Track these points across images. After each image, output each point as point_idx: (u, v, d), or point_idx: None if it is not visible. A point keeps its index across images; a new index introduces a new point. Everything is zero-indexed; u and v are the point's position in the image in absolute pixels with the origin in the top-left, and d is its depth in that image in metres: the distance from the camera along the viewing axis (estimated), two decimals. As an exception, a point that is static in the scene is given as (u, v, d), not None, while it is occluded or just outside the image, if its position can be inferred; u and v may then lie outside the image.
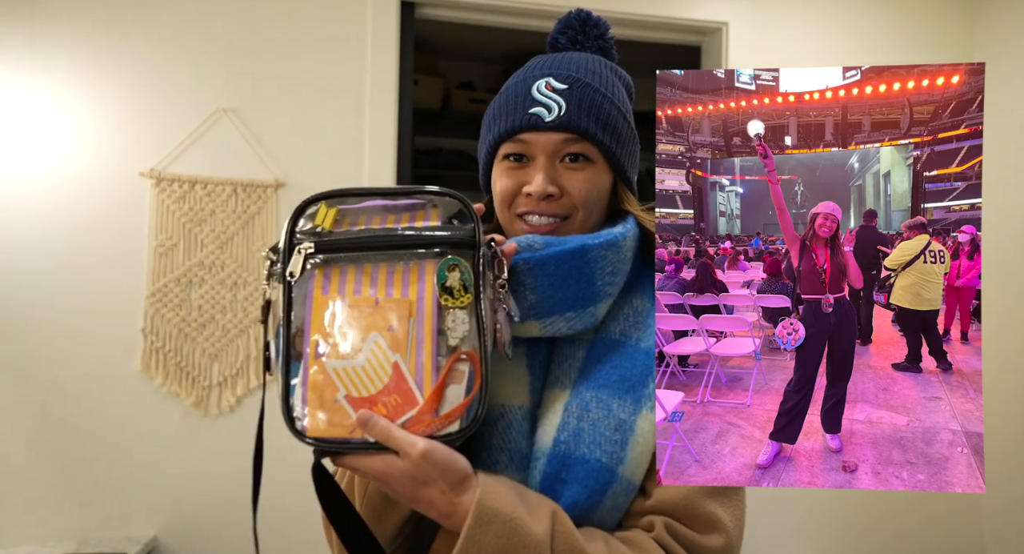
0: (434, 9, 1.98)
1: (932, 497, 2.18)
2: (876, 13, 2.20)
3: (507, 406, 0.71)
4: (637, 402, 0.69)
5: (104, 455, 1.70)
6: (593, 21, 0.84)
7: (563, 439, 0.67)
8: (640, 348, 0.72)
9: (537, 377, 0.73)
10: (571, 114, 0.72)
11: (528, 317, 0.70)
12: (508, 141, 0.74)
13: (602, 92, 0.75)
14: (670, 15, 2.06)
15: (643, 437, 0.67)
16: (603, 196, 0.76)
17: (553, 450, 0.67)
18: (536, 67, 0.77)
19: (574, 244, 0.70)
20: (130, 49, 1.75)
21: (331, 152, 1.85)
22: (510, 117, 0.74)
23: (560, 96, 0.73)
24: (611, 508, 0.67)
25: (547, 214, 0.73)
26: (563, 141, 0.73)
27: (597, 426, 0.67)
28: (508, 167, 0.75)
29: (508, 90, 0.77)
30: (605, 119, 0.74)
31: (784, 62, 2.13)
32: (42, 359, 1.68)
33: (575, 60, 0.78)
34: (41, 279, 1.69)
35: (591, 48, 0.83)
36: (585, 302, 0.71)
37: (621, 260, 0.73)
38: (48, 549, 1.61)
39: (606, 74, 0.78)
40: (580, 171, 0.73)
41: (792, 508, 2.08)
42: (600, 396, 0.69)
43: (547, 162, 0.73)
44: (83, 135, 1.72)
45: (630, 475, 0.67)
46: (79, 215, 1.71)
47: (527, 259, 0.69)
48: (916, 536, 2.17)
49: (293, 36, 1.84)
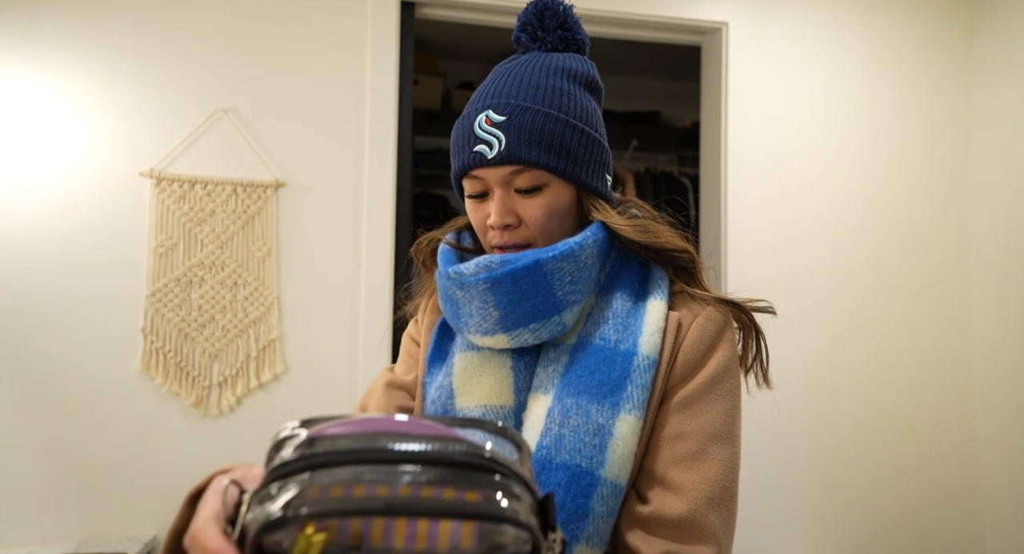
0: (434, 9, 1.98)
1: (932, 497, 2.18)
2: (876, 13, 2.20)
3: (489, 406, 0.74)
4: (615, 406, 0.70)
5: (104, 455, 1.70)
6: (551, 11, 0.82)
7: (545, 445, 0.69)
8: (619, 350, 0.73)
9: (522, 378, 0.76)
10: (511, 146, 0.73)
11: (496, 331, 0.74)
12: (464, 177, 0.78)
13: (543, 112, 0.74)
14: (670, 15, 2.06)
15: (622, 439, 0.69)
16: (565, 214, 0.78)
17: (535, 454, 0.69)
18: (479, 98, 0.78)
19: (528, 260, 0.72)
20: (130, 49, 1.75)
21: (331, 152, 1.85)
22: (460, 155, 0.77)
23: (499, 129, 0.74)
24: (604, 514, 0.68)
25: (511, 245, 0.77)
26: (510, 173, 0.74)
27: (577, 432, 0.69)
28: (473, 203, 0.79)
29: (458, 125, 0.78)
30: (549, 141, 0.74)
31: (784, 62, 2.13)
32: (41, 359, 1.68)
33: (517, 78, 0.77)
34: (41, 279, 1.69)
35: (551, 41, 0.82)
36: (548, 313, 0.73)
37: (581, 268, 0.74)
38: (48, 549, 1.61)
39: (552, 84, 0.76)
40: (534, 198, 0.75)
41: (793, 508, 2.08)
42: (579, 403, 0.70)
43: (502, 193, 0.75)
44: (83, 135, 1.72)
45: (614, 477, 0.68)
46: (79, 215, 1.71)
47: (485, 279, 0.73)
48: (917, 535, 2.17)
49: (293, 36, 1.84)
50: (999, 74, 2.17)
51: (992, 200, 2.18)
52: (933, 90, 2.24)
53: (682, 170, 3.37)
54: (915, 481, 2.17)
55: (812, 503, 2.10)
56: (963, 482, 2.20)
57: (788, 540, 2.09)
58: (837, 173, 2.16)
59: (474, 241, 0.87)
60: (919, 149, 2.22)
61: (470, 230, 0.87)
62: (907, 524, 2.16)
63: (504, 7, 1.98)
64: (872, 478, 2.15)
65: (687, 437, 0.70)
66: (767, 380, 0.81)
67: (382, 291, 1.85)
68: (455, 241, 0.86)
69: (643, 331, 0.73)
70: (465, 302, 0.75)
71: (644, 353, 0.72)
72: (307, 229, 1.83)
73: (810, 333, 2.11)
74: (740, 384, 0.77)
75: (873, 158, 2.19)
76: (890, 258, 2.19)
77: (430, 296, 0.91)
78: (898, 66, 2.21)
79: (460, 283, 0.75)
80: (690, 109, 2.89)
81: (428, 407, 0.80)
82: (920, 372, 2.19)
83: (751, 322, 0.79)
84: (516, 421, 0.74)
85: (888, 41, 2.21)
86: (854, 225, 2.16)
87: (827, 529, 2.11)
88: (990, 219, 2.18)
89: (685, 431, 0.70)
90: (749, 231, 2.05)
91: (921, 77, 2.23)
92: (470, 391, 0.76)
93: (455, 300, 0.76)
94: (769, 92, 2.11)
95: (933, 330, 2.21)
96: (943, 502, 2.18)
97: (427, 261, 0.90)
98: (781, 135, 2.12)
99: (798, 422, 2.07)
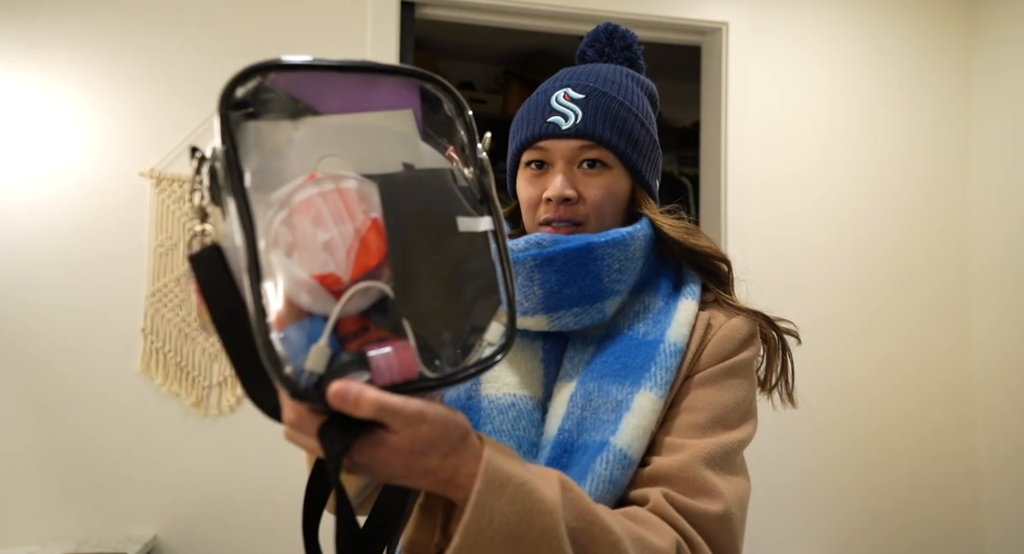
0: (434, 9, 1.98)
1: (932, 497, 2.18)
2: (876, 13, 2.20)
3: (518, 395, 0.74)
4: (636, 383, 0.70)
5: (104, 455, 1.70)
6: (620, 33, 0.88)
7: (567, 428, 0.70)
8: (646, 340, 0.73)
9: (550, 371, 0.76)
10: (587, 122, 0.76)
11: (537, 311, 0.74)
12: (529, 149, 0.79)
13: (619, 100, 0.78)
14: (670, 15, 2.06)
15: (639, 411, 0.68)
16: (619, 201, 0.79)
17: (557, 438, 0.70)
18: (557, 79, 0.81)
19: (580, 242, 0.73)
20: (130, 49, 1.75)
21: (331, 152, 1.84)
22: (530, 126, 0.78)
23: (576, 105, 0.77)
24: (606, 478, 0.65)
25: (564, 219, 0.76)
26: (580, 147, 0.76)
27: (598, 413, 0.69)
28: (530, 174, 0.79)
29: (530, 101, 0.81)
30: (621, 126, 0.77)
31: (784, 62, 2.13)
32: (41, 359, 1.68)
33: (596, 71, 0.81)
34: (41, 279, 1.69)
35: (617, 59, 0.86)
36: (592, 298, 0.73)
37: (629, 258, 0.75)
38: (48, 549, 1.61)
39: (626, 84, 0.81)
40: (597, 176, 0.77)
41: (793, 508, 2.08)
42: (602, 385, 0.71)
43: (566, 167, 0.77)
44: (83, 135, 1.72)
45: (624, 446, 0.66)
46: (79, 215, 1.71)
47: (535, 256, 0.73)
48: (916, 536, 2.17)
49: (293, 36, 1.84)
50: (998, 75, 2.17)
51: (988, 202, 2.18)
52: (934, 90, 2.24)
53: (682, 170, 3.37)
54: (915, 481, 2.17)
55: (812, 506, 2.10)
56: (963, 491, 2.20)
57: (789, 543, 2.08)
58: (837, 173, 2.16)
59: (511, 227, 0.87)
60: (920, 149, 2.22)
61: (509, 219, 0.88)
62: (908, 533, 2.16)
63: (504, 7, 1.98)
64: (872, 477, 2.15)
65: (698, 410, 0.70)
66: (791, 399, 0.81)
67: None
68: None
69: (672, 324, 0.74)
70: None
71: (671, 340, 0.72)
72: (307, 229, 1.83)
73: (810, 334, 2.10)
74: (755, 390, 0.77)
75: (874, 158, 2.19)
76: (893, 257, 2.18)
77: None
78: (898, 66, 2.21)
79: None
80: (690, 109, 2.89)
81: (450, 392, 0.77)
82: (921, 372, 2.19)
83: (779, 339, 0.80)
84: (542, 411, 0.74)
85: (888, 41, 2.21)
86: (855, 225, 2.16)
87: (828, 530, 2.11)
88: (990, 219, 2.18)
89: (697, 405, 0.71)
90: (749, 231, 2.05)
91: (921, 78, 2.23)
92: (498, 378, 0.76)
93: None
94: (769, 92, 2.11)
95: (935, 335, 2.20)
96: (943, 514, 2.18)
97: None
98: (781, 135, 2.12)
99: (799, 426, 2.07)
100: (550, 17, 2.02)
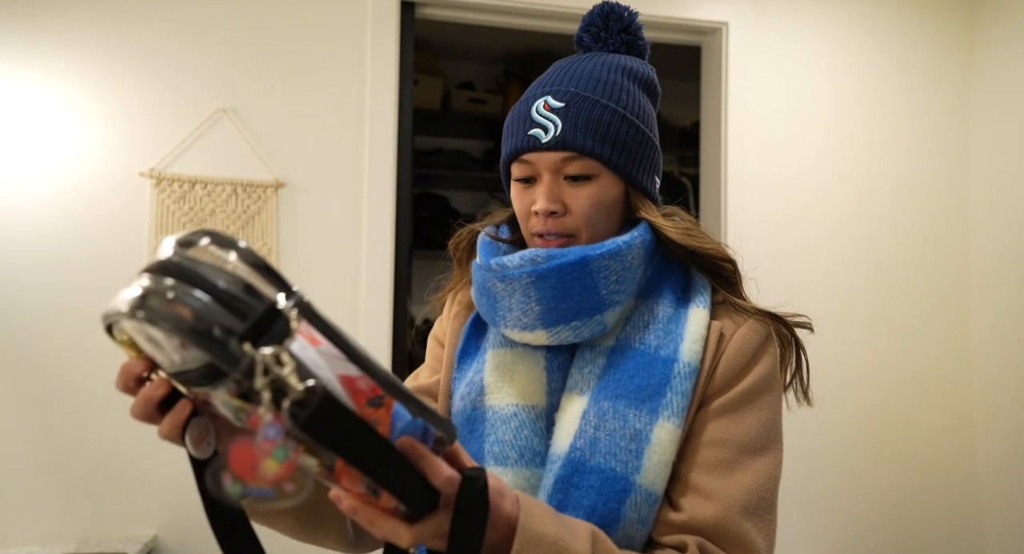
0: (434, 9, 1.98)
1: (932, 497, 2.18)
2: (876, 13, 2.20)
3: (520, 406, 0.73)
4: (654, 412, 0.69)
5: (104, 455, 1.70)
6: (616, 14, 0.83)
7: (579, 446, 0.68)
8: (659, 356, 0.72)
9: (555, 379, 0.75)
10: (566, 133, 0.73)
11: (536, 326, 0.72)
12: (515, 162, 0.77)
13: (603, 103, 0.74)
14: (670, 15, 2.06)
15: (660, 446, 0.67)
16: (611, 208, 0.76)
17: (569, 455, 0.68)
18: (540, 84, 0.78)
19: (575, 256, 0.71)
20: (130, 49, 1.75)
21: (331, 152, 1.85)
22: (513, 139, 0.77)
23: (556, 115, 0.74)
24: (636, 521, 0.66)
25: (554, 233, 0.75)
26: (562, 160, 0.74)
27: (613, 436, 0.68)
28: (519, 188, 0.78)
29: (514, 110, 0.79)
30: (605, 131, 0.73)
31: (784, 62, 2.13)
32: (41, 359, 1.68)
33: (580, 71, 0.77)
34: (41, 279, 1.69)
35: (614, 43, 0.82)
36: (590, 311, 0.72)
37: (627, 268, 0.73)
38: (48, 549, 1.61)
39: (614, 80, 0.76)
40: (583, 187, 0.74)
41: (794, 509, 2.09)
42: (617, 407, 0.69)
43: (551, 179, 0.75)
44: (83, 135, 1.72)
45: (649, 484, 0.67)
46: (79, 215, 1.71)
47: (530, 272, 0.71)
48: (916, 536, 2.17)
49: (293, 36, 1.84)
50: (998, 75, 2.17)
51: (988, 202, 2.18)
52: (934, 90, 2.24)
53: (682, 170, 3.37)
54: (916, 481, 2.17)
55: (814, 506, 2.10)
56: (964, 491, 2.20)
57: (790, 543, 2.09)
58: (837, 173, 2.16)
59: (511, 233, 0.85)
60: (920, 148, 2.22)
61: (508, 223, 0.87)
62: (908, 533, 2.16)
63: (504, 7, 1.98)
64: (873, 477, 2.15)
65: (722, 445, 0.69)
66: (807, 397, 0.80)
67: (382, 291, 1.84)
68: (494, 233, 0.85)
69: (684, 338, 0.72)
70: (505, 295, 0.73)
71: (685, 360, 0.71)
72: (307, 229, 1.83)
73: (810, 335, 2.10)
74: (781, 398, 0.76)
75: (874, 158, 2.19)
76: (893, 258, 2.18)
77: (456, 293, 0.89)
78: (899, 66, 2.21)
79: (502, 276, 0.73)
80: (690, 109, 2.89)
81: (457, 403, 0.78)
82: (921, 372, 2.19)
83: (792, 337, 0.78)
84: (548, 421, 0.73)
85: (888, 41, 2.21)
86: (854, 225, 2.16)
87: (829, 530, 2.11)
88: (990, 219, 2.18)
89: (720, 439, 0.69)
90: (749, 232, 2.05)
91: (922, 78, 2.23)
92: (502, 388, 0.75)
93: (493, 293, 0.75)
94: (769, 92, 2.11)
95: (935, 335, 2.21)
96: (943, 514, 2.18)
97: (462, 255, 0.88)
98: (781, 135, 2.12)
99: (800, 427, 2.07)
100: (550, 17, 2.02)
